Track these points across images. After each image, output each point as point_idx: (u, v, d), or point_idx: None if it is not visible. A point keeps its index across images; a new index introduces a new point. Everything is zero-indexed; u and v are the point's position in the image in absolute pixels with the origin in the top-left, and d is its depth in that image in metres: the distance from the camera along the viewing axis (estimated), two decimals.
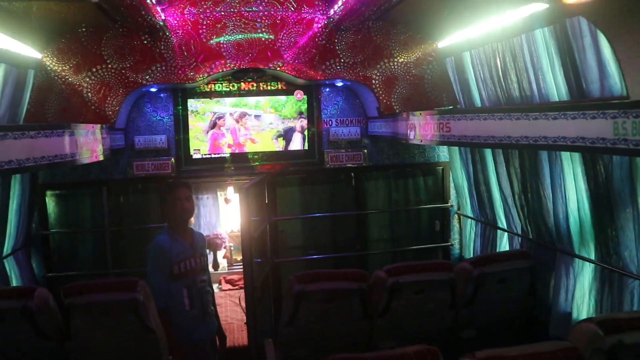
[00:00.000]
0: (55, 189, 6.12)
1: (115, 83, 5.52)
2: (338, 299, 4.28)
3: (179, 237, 4.24)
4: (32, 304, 3.89)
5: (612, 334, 2.82)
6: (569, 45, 3.76)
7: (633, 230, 3.74)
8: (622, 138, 2.46)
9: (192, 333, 4.28)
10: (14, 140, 3.20)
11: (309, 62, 5.80)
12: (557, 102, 4.11)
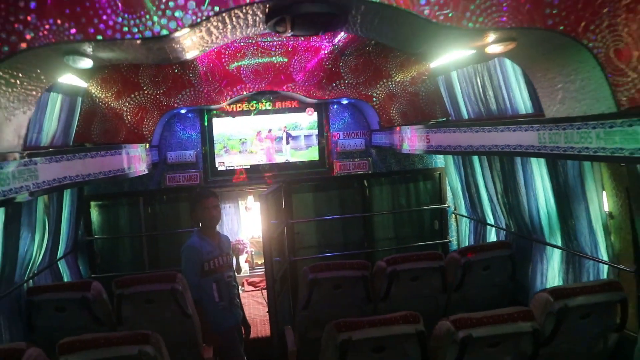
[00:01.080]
0: (98, 199, 7.16)
1: (150, 107, 6.52)
2: (345, 285, 5.08)
3: (208, 239, 5.10)
4: (89, 295, 4.75)
5: (560, 299, 3.76)
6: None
7: (585, 219, 4.63)
8: (543, 145, 3.42)
9: (221, 322, 5.10)
10: (91, 159, 4.26)
11: (318, 83, 6.78)
12: (503, 116, 5.04)
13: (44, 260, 5.65)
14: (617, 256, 4.35)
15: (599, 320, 3.88)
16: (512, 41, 2.99)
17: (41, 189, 3.46)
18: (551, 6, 2.88)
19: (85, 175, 4.27)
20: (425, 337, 3.63)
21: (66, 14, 2.53)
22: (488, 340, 3.52)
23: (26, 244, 5.13)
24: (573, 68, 3.06)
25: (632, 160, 2.82)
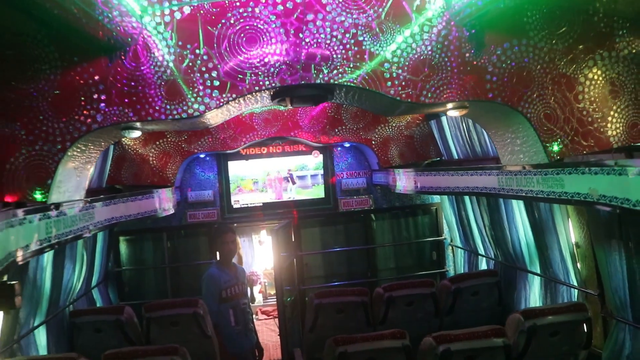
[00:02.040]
0: (127, 235, 8.09)
1: (173, 152, 7.42)
2: (347, 310, 5.86)
3: (225, 269, 5.86)
4: (123, 318, 5.59)
5: (530, 319, 4.51)
6: None
7: (557, 249, 5.42)
8: (502, 187, 4.29)
9: (237, 344, 5.78)
10: (131, 202, 5.22)
11: (322, 129, 7.65)
12: (484, 158, 5.90)
13: (82, 288, 6.54)
14: (585, 281, 5.10)
15: (567, 338, 4.55)
16: (465, 108, 3.88)
17: (97, 227, 4.37)
18: (490, 82, 3.76)
19: (126, 215, 5.21)
20: (410, 350, 4.39)
21: (125, 102, 3.47)
22: (465, 354, 4.21)
23: (69, 274, 6.02)
24: (515, 128, 3.93)
25: (561, 201, 3.66)
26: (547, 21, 3.69)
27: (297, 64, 3.61)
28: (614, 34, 3.72)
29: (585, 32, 3.71)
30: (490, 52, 3.71)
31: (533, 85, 3.74)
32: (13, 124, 3.40)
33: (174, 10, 3.46)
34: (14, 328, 4.76)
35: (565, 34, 3.71)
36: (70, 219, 3.72)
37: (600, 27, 3.71)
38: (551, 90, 3.73)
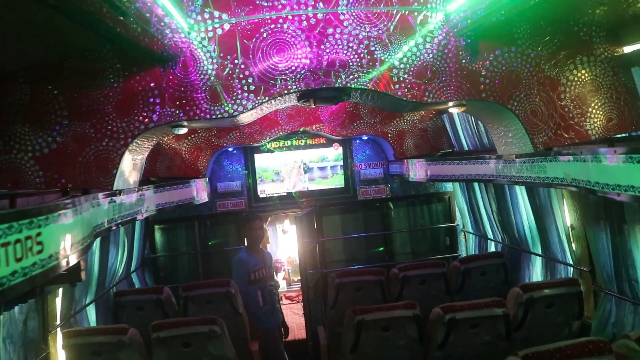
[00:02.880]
0: (161, 224, 8.89)
1: (204, 146, 8.18)
2: (365, 288, 6.49)
3: (253, 254, 6.57)
4: (162, 297, 6.31)
5: (527, 292, 5.15)
6: None
7: (555, 231, 6.06)
8: (498, 174, 4.97)
9: (265, 322, 6.48)
10: (173, 190, 6.01)
11: (341, 123, 8.34)
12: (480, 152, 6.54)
13: (123, 273, 7.31)
14: (578, 259, 5.72)
15: (561, 310, 5.15)
16: (463, 106, 4.55)
17: (147, 211, 5.14)
18: (484, 84, 4.44)
19: (170, 202, 6.01)
20: (420, 320, 5.04)
21: (176, 104, 4.22)
22: (469, 322, 4.84)
23: (112, 258, 6.79)
24: (507, 123, 4.60)
25: (544, 184, 4.33)
26: (534, 31, 4.36)
27: (319, 71, 4.33)
28: (592, 41, 4.37)
29: (567, 40, 4.37)
30: (484, 58, 4.40)
31: (521, 86, 4.41)
32: (84, 124, 4.17)
33: (216, 27, 4.19)
34: (70, 305, 5.53)
35: (549, 42, 4.37)
36: (129, 204, 4.49)
37: (580, 35, 4.37)
38: (537, 90, 4.41)
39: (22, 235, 2.06)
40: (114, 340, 4.80)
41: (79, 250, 2.90)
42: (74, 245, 2.77)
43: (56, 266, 2.46)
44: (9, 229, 1.96)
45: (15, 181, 4.05)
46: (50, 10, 2.80)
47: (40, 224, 2.25)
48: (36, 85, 4.08)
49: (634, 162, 3.04)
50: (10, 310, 4.35)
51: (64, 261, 2.59)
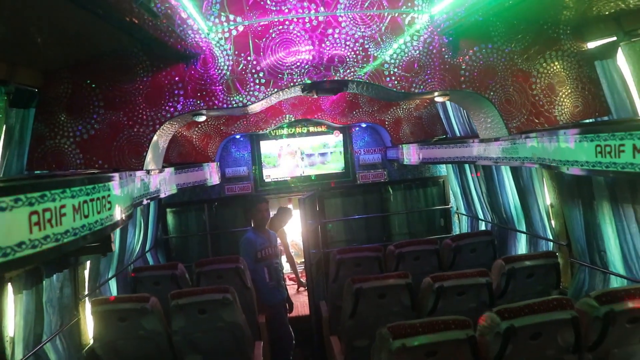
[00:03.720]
0: (172, 207, 9.65)
1: (213, 134, 8.89)
2: (364, 264, 7.12)
3: (260, 234, 7.30)
4: (177, 272, 7.02)
5: (509, 263, 5.88)
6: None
7: (537, 209, 6.79)
8: (479, 156, 5.72)
9: (271, 297, 7.23)
10: (190, 173, 6.78)
11: (341, 112, 9.05)
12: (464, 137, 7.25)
13: (139, 252, 8.06)
14: (557, 234, 6.44)
15: (541, 279, 5.83)
16: (446, 95, 5.29)
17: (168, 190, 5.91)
18: (464, 77, 5.18)
19: (187, 183, 6.83)
20: (412, 288, 5.77)
21: (197, 95, 4.97)
22: (456, 289, 5.55)
23: (131, 237, 7.53)
24: (485, 110, 5.34)
25: (518, 164, 5.08)
26: (508, 30, 5.09)
27: (321, 66, 5.09)
28: (560, 38, 5.09)
29: (538, 37, 5.10)
30: (464, 54, 5.15)
31: (496, 78, 5.16)
32: (118, 113, 4.92)
33: (231, 29, 4.94)
34: (96, 278, 6.29)
35: (522, 39, 5.11)
36: (155, 182, 5.25)
37: (549, 33, 5.09)
38: (511, 81, 5.16)
39: (100, 194, 2.80)
40: (137, 307, 5.43)
41: (126, 215, 3.63)
42: (123, 209, 3.51)
43: (117, 222, 3.21)
44: (93, 190, 2.70)
45: (59, 163, 4.80)
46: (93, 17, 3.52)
47: (110, 186, 2.99)
48: (77, 80, 4.82)
49: (577, 142, 3.77)
50: (51, 277, 5.11)
51: (120, 219, 3.33)
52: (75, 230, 2.45)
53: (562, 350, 4.11)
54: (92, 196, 2.69)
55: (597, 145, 3.51)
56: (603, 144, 3.44)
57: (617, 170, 3.37)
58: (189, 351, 5.66)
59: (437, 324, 4.10)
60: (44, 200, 2.18)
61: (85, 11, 3.35)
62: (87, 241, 2.68)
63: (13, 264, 1.96)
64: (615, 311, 4.02)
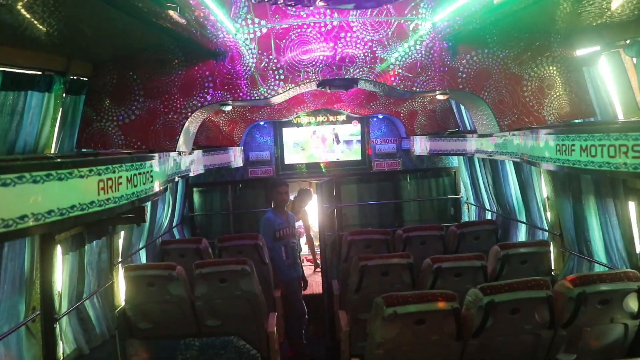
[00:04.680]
0: (199, 187, 10.54)
1: (239, 120, 9.70)
2: (373, 245, 7.89)
3: (279, 214, 8.03)
4: (201, 246, 7.84)
5: (504, 249, 6.56)
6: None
7: (535, 201, 7.46)
8: (477, 149, 6.45)
9: (287, 274, 7.95)
10: (217, 155, 7.65)
11: (360, 103, 9.77)
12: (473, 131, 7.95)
13: (167, 227, 8.95)
14: (552, 225, 7.10)
15: (534, 266, 6.50)
16: (446, 94, 6.03)
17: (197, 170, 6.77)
18: (461, 78, 5.91)
19: (214, 164, 7.71)
20: (413, 267, 6.47)
21: (225, 88, 5.81)
22: (453, 271, 6.24)
23: (160, 212, 8.39)
24: (480, 108, 6.06)
25: (508, 158, 5.79)
26: (502, 37, 5.78)
27: (334, 65, 5.87)
28: (550, 45, 5.77)
29: (529, 44, 5.79)
30: (462, 57, 5.87)
31: (491, 80, 5.88)
32: (156, 101, 5.77)
33: (256, 31, 5.73)
34: (128, 247, 7.16)
35: (515, 45, 5.80)
36: (186, 162, 6.11)
37: (541, 40, 5.78)
38: (504, 84, 5.87)
39: (145, 169, 3.63)
40: (165, 274, 6.20)
41: (163, 188, 4.46)
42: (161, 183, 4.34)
43: (156, 192, 4.05)
44: (141, 166, 3.52)
45: (103, 143, 5.67)
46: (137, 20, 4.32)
47: (152, 164, 3.82)
48: (121, 72, 5.67)
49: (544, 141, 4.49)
50: (91, 243, 5.98)
51: (158, 191, 4.16)
52: (127, 196, 3.29)
53: (538, 326, 4.82)
54: (140, 170, 3.52)
55: (557, 144, 4.23)
56: (561, 143, 4.16)
57: (569, 167, 4.08)
58: (209, 316, 6.48)
59: (426, 295, 4.86)
60: (107, 172, 3.02)
61: (130, 15, 4.15)
62: (134, 205, 3.51)
63: (87, 216, 2.81)
64: (587, 293, 4.68)
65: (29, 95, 4.44)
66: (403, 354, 4.81)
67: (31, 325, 4.77)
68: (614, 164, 3.50)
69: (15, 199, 2.54)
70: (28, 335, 4.76)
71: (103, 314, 6.14)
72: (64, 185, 2.68)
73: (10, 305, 4.51)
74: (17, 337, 4.59)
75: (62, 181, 2.66)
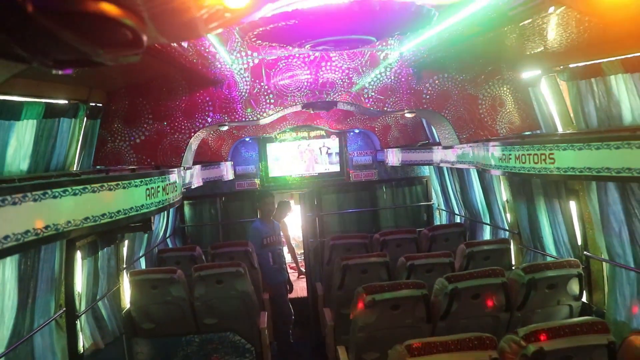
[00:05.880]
0: (189, 199, 11.47)
1: (226, 137, 10.69)
2: (353, 248, 8.90)
3: (266, 223, 9.11)
4: (195, 253, 8.84)
5: (469, 247, 7.60)
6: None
7: (496, 204, 8.57)
8: (440, 160, 7.55)
9: (274, 278, 8.98)
10: (208, 170, 8.64)
11: (337, 120, 10.82)
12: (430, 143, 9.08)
13: (161, 237, 9.87)
14: (511, 225, 8.19)
15: (496, 262, 7.35)
16: (413, 113, 7.14)
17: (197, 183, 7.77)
18: (425, 99, 7.01)
19: (210, 177, 8.74)
20: (389, 266, 7.50)
21: (223, 111, 6.83)
22: (425, 267, 7.24)
23: (156, 224, 9.32)
24: (443, 124, 7.17)
25: (467, 166, 6.89)
26: (460, 63, 6.89)
27: (316, 90, 6.94)
28: (501, 69, 6.90)
29: (483, 69, 6.91)
30: (425, 81, 6.98)
31: (451, 100, 6.99)
32: (163, 123, 6.76)
33: (249, 61, 6.75)
34: (130, 255, 8.07)
35: (471, 70, 6.92)
36: (189, 176, 7.12)
37: (492, 65, 6.90)
38: (462, 103, 6.98)
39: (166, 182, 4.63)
40: (167, 277, 7.07)
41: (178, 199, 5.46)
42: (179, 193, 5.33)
43: (178, 200, 5.05)
44: (162, 180, 4.53)
45: (117, 161, 6.63)
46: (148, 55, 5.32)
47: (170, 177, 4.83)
48: (132, 98, 6.64)
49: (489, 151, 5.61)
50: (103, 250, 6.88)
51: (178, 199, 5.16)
52: (162, 201, 4.29)
53: (497, 309, 5.85)
54: (168, 182, 4.53)
55: (499, 155, 5.35)
56: (501, 153, 5.28)
57: (508, 172, 5.21)
58: (207, 315, 7.34)
59: (399, 285, 5.87)
60: (152, 182, 4.03)
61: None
62: (165, 209, 4.52)
63: (137, 216, 3.80)
64: (536, 279, 5.74)
65: (61, 121, 5.39)
66: (381, 336, 5.68)
67: (59, 320, 5.64)
68: (537, 169, 4.62)
69: (107, 200, 3.55)
70: (57, 329, 5.59)
71: (113, 314, 6.94)
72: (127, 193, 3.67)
73: (44, 301, 5.36)
74: (49, 330, 5.44)
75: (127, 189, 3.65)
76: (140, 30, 1.89)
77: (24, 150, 4.73)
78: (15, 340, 4.56)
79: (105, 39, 1.79)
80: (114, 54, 1.90)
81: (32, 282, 4.99)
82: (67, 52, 1.70)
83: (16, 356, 4.63)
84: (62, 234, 3.23)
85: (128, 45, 1.91)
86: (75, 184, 3.35)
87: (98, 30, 1.73)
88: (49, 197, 3.08)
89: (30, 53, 1.65)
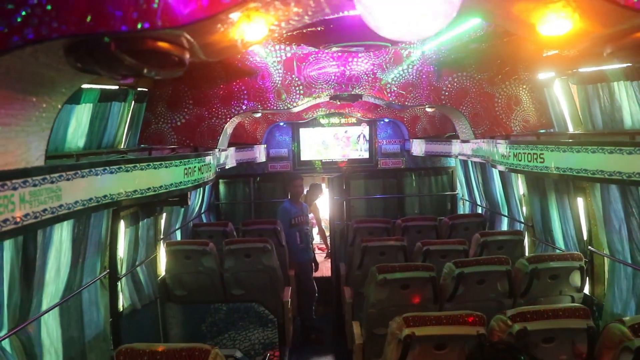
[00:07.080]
0: (224, 179, 12.31)
1: (262, 120, 11.39)
2: (375, 232, 9.50)
3: (294, 204, 9.72)
4: (227, 229, 9.58)
5: (484, 237, 8.19)
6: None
7: (514, 197, 9.10)
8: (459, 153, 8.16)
9: (301, 256, 9.59)
10: (242, 152, 9.44)
11: (368, 109, 11.38)
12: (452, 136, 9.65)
13: (197, 213, 10.69)
14: (526, 218, 8.71)
15: (509, 252, 7.78)
16: (432, 108, 7.74)
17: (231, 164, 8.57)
18: (443, 95, 7.59)
19: (243, 159, 9.54)
20: (406, 250, 8.09)
21: (257, 99, 7.55)
22: (440, 253, 7.74)
23: (192, 200, 10.10)
24: (461, 120, 7.76)
25: (481, 160, 7.49)
26: (478, 63, 7.44)
27: (343, 83, 7.62)
28: (517, 69, 7.42)
29: (500, 69, 7.45)
30: (445, 79, 7.57)
31: (468, 97, 7.58)
32: (202, 109, 7.52)
33: (282, 55, 7.42)
34: (168, 227, 8.85)
35: (489, 70, 7.48)
36: (224, 157, 7.92)
37: (509, 66, 7.44)
38: (479, 100, 7.56)
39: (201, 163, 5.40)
40: (200, 249, 7.76)
41: (213, 177, 6.22)
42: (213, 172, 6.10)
43: (212, 179, 5.82)
44: (198, 161, 5.29)
45: (159, 141, 7.41)
46: None
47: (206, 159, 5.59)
48: (175, 85, 7.40)
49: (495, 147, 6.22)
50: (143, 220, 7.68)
51: (212, 179, 5.94)
52: (198, 179, 5.07)
53: (500, 295, 6.40)
54: (203, 163, 5.30)
55: (502, 152, 5.97)
56: (504, 150, 5.89)
57: (509, 168, 5.82)
58: (235, 286, 8.05)
59: (410, 266, 6.49)
60: (189, 163, 4.81)
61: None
62: (200, 186, 5.30)
63: (176, 191, 4.58)
64: (539, 269, 6.25)
65: (112, 104, 6.17)
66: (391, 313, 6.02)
67: (103, 280, 6.44)
68: (530, 166, 5.24)
69: (152, 177, 4.39)
70: (101, 288, 6.36)
71: (149, 280, 7.65)
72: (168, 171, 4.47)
73: (92, 262, 6.13)
74: (95, 288, 6.25)
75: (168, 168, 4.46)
76: (184, 56, 2.64)
77: (81, 130, 5.52)
78: (67, 293, 5.31)
79: (159, 63, 2.56)
80: (164, 73, 2.67)
81: (83, 245, 5.68)
82: (130, 71, 2.46)
83: (68, 307, 5.40)
84: (116, 202, 4.04)
85: (175, 66, 2.67)
86: (127, 163, 4.14)
87: (155, 59, 2.49)
88: (107, 172, 3.88)
89: (106, 71, 2.42)
